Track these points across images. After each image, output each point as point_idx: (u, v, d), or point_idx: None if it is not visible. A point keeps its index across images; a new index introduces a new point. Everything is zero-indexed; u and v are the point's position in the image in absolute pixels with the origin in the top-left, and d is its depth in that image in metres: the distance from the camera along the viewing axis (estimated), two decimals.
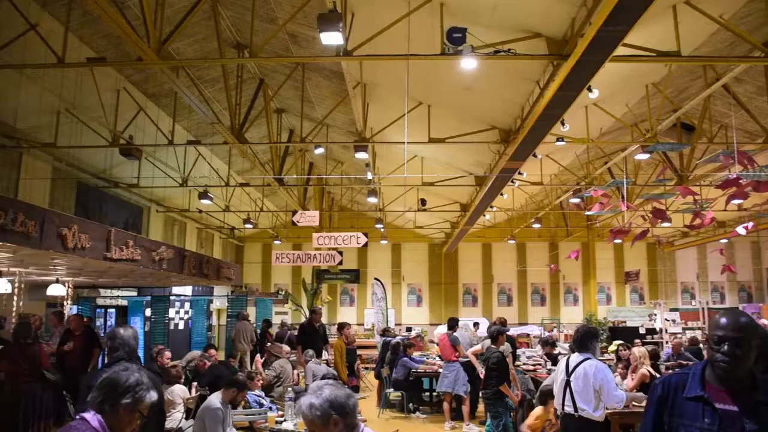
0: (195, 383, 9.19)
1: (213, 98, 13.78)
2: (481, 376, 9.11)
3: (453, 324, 11.40)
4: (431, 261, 30.04)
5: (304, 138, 14.97)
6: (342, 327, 12.37)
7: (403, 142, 11.52)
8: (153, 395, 2.63)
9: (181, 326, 17.21)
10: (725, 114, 13.64)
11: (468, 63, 8.62)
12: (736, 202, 14.79)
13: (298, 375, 11.67)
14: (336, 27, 7.53)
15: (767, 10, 8.81)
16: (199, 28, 11.35)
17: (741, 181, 11.33)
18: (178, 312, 17.11)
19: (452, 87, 12.03)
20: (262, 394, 8.83)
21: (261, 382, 9.22)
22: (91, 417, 2.51)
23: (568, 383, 5.50)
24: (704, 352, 12.30)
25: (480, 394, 9.25)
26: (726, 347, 2.52)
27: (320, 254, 15.28)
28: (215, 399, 6.40)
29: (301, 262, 15.54)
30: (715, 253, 25.49)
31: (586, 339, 5.62)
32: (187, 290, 20.16)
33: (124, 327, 4.76)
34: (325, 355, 12.17)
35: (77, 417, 2.56)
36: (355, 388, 11.58)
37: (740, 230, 15.39)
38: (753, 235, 26.89)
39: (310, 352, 11.09)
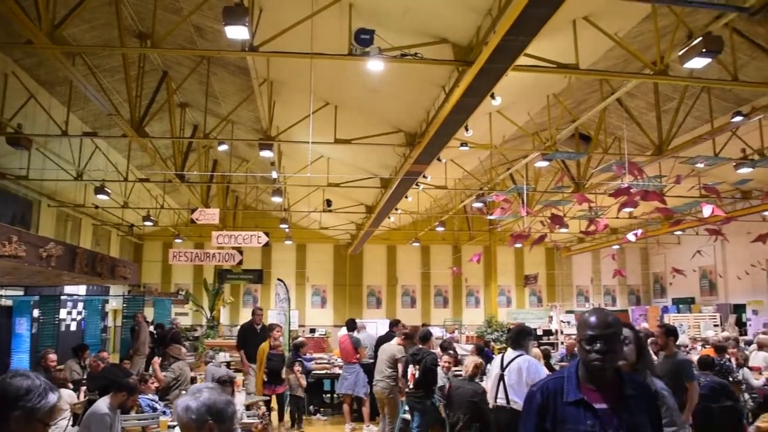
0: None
1: (112, 89, 13.21)
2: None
3: (352, 325, 11.38)
4: (336, 262, 29.99)
5: (208, 134, 14.59)
6: (271, 328, 10.95)
7: (308, 142, 11.42)
8: (51, 399, 2.22)
9: (73, 327, 16.34)
10: (619, 127, 14.30)
11: (375, 65, 8.64)
12: (627, 210, 15.54)
13: (195, 378, 11.32)
14: (242, 21, 7.35)
15: (656, 32, 9.27)
16: (99, 13, 10.81)
17: (631, 190, 11.89)
18: (70, 313, 16.22)
19: (359, 88, 12.03)
20: (156, 398, 8.50)
21: (156, 385, 8.87)
22: None
23: (502, 377, 5.84)
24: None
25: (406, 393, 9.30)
26: (599, 345, 2.56)
27: (220, 253, 14.95)
28: (102, 404, 6.07)
29: (199, 261, 15.16)
30: (608, 258, 26.71)
31: (520, 337, 6.04)
32: (81, 290, 19.20)
33: None
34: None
35: None
36: (282, 396, 10.41)
37: (630, 237, 16.17)
38: (642, 242, 28.38)
39: (210, 352, 10.78)
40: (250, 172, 19.70)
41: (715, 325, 21.09)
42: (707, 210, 13.51)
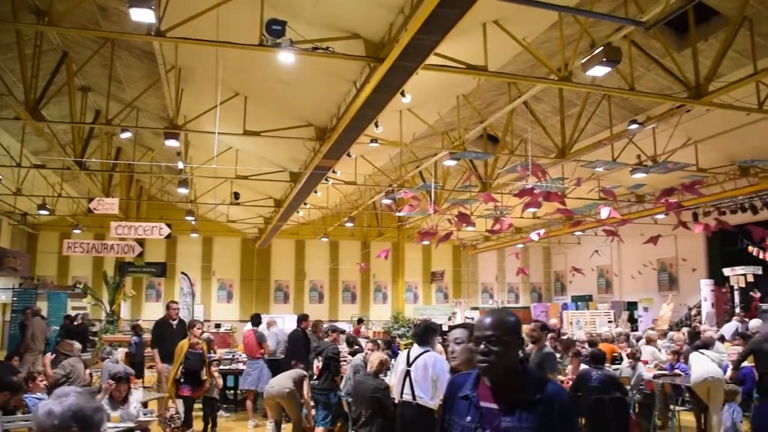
0: None
1: (4, 67, 12.44)
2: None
3: (257, 320, 11.22)
4: (243, 256, 29.49)
5: (111, 120, 14.00)
6: (191, 325, 9.88)
7: (215, 132, 11.16)
8: None
9: None
10: (525, 129, 14.71)
11: (286, 57, 8.51)
12: (531, 210, 16.01)
13: (90, 375, 10.83)
14: (148, 3, 7.08)
15: (562, 40, 9.59)
16: None
17: (535, 191, 12.28)
18: None
19: (270, 80, 11.86)
20: (45, 396, 8.08)
21: (45, 383, 8.43)
22: None
23: (408, 373, 5.84)
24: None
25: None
26: (482, 347, 2.54)
27: (119, 245, 14.39)
28: None
29: (96, 252, 14.55)
30: (512, 256, 27.53)
31: (426, 333, 6.07)
32: None
33: None
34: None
35: None
36: (190, 401, 9.22)
37: (533, 236, 16.73)
38: (544, 242, 29.37)
39: (107, 348, 10.34)
40: (155, 161, 19.06)
41: (609, 322, 22.07)
42: (605, 212, 14.17)
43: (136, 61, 12.94)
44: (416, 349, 6.03)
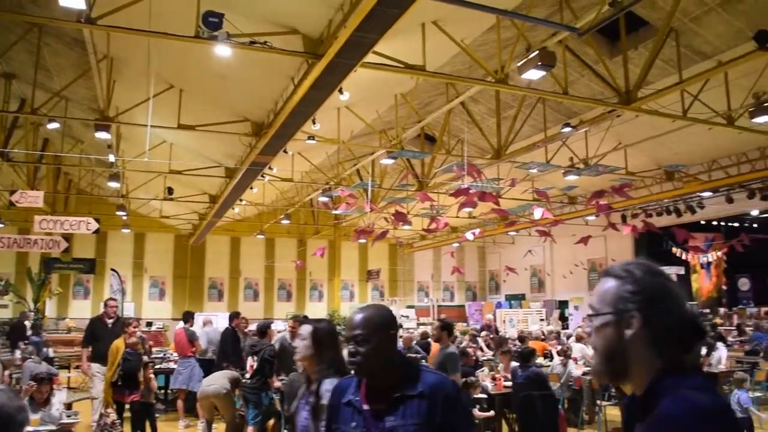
0: None
1: None
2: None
3: (188, 318, 11.00)
4: (177, 253, 28.81)
5: (37, 109, 13.43)
6: (127, 323, 9.13)
7: (148, 125, 10.87)
8: None
9: None
10: (462, 129, 14.89)
11: (222, 50, 8.36)
12: (467, 210, 16.20)
13: (10, 376, 10.39)
14: None
15: (499, 43, 9.73)
16: None
17: (470, 191, 12.42)
18: None
19: (206, 73, 11.59)
20: None
21: None
22: None
23: None
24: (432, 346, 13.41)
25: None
26: (350, 347, 2.46)
27: (43, 239, 13.85)
28: None
29: (18, 247, 13.95)
30: (448, 255, 27.86)
31: None
32: None
33: None
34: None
35: None
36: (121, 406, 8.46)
37: (469, 236, 16.94)
38: (480, 241, 29.82)
39: (30, 348, 9.94)
40: (84, 153, 18.42)
41: (541, 320, 22.59)
42: (538, 212, 14.46)
43: (66, 49, 12.46)
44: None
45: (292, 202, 22.42)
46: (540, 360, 11.59)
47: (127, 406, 8.42)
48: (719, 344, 12.12)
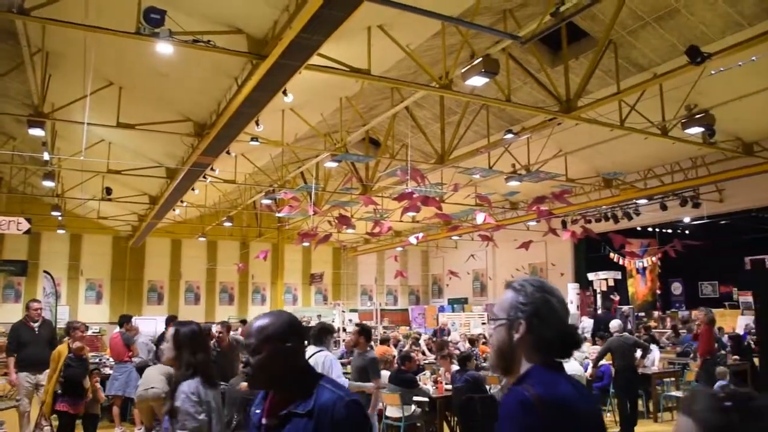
0: None
1: None
2: None
3: (124, 321, 10.73)
4: (115, 255, 28.03)
5: None
6: (72, 327, 8.59)
7: (85, 123, 10.56)
8: None
9: None
10: (406, 134, 14.95)
11: (164, 48, 8.16)
12: (410, 214, 16.28)
13: None
14: None
15: (444, 49, 9.82)
16: None
17: (414, 195, 12.49)
18: None
19: (147, 71, 11.35)
20: None
21: None
22: None
23: None
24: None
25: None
26: (246, 356, 2.26)
27: None
28: None
29: None
30: (391, 259, 27.93)
31: (321, 334, 6.49)
32: None
33: None
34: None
35: None
36: (68, 417, 7.89)
37: (412, 240, 17.01)
38: (423, 245, 30.02)
39: None
40: (17, 150, 17.77)
41: (483, 323, 22.85)
42: (480, 217, 14.63)
43: None
44: (311, 348, 6.40)
45: (234, 205, 22.11)
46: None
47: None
48: (653, 346, 12.50)
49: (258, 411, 2.34)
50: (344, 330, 22.00)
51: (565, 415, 1.76)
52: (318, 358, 6.19)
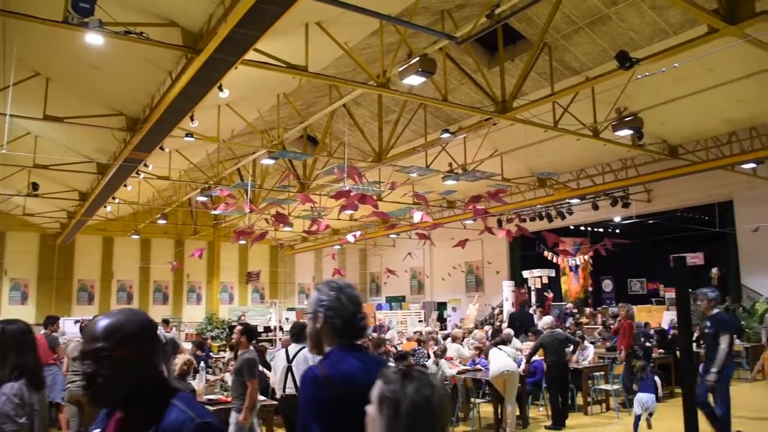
0: None
1: None
2: None
3: (49, 322, 10.37)
4: (42, 253, 27.02)
5: None
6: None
7: (7, 114, 10.15)
8: None
9: None
10: (344, 132, 14.94)
11: (94, 38, 7.89)
12: (348, 212, 16.26)
13: None
14: None
15: (382, 47, 9.84)
16: None
17: (351, 193, 12.48)
18: None
19: (77, 63, 10.95)
20: None
21: None
22: None
23: (289, 369, 6.52)
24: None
25: None
26: (85, 365, 1.83)
27: None
28: None
29: None
30: (329, 257, 27.84)
31: (302, 331, 6.51)
32: None
33: None
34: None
35: None
36: None
37: (350, 238, 17.00)
38: (361, 243, 30.05)
39: None
40: None
41: (420, 321, 23.01)
42: (417, 216, 14.73)
43: None
44: (294, 346, 6.68)
45: (169, 202, 21.64)
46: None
47: None
48: (586, 342, 12.84)
49: (98, 429, 1.94)
50: (281, 329, 21.82)
51: (347, 388, 2.23)
52: (306, 353, 6.31)
